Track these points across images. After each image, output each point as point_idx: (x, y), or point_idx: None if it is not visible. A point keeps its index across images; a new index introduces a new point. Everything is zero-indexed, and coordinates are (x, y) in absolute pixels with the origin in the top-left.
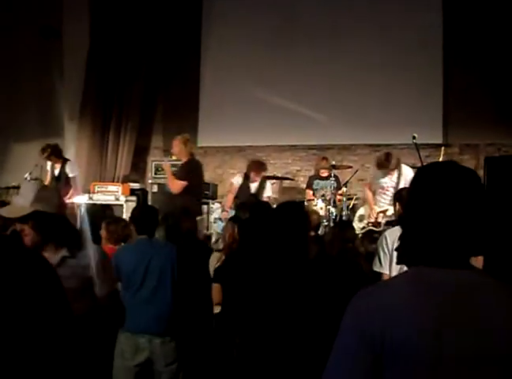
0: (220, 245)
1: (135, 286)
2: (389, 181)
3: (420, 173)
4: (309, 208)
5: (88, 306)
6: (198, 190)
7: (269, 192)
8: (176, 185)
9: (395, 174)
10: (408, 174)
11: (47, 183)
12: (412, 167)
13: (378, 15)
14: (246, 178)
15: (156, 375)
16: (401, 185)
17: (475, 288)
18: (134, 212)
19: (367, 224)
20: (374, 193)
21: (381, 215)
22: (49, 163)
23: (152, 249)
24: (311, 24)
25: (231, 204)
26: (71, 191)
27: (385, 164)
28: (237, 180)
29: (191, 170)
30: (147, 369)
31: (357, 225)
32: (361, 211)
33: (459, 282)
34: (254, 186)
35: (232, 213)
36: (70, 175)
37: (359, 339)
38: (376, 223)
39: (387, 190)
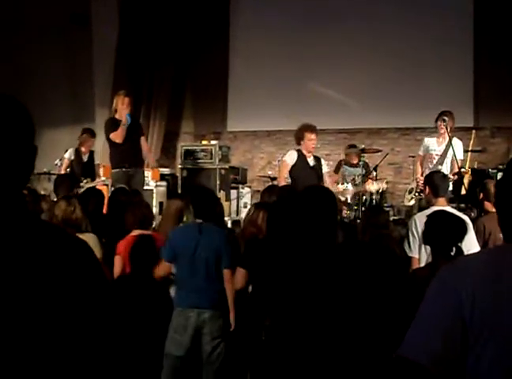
0: None
1: (185, 265)
2: (437, 149)
3: None
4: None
5: None
6: None
7: (326, 168)
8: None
9: (445, 141)
10: (457, 144)
11: (63, 170)
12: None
13: None
14: (302, 154)
15: (202, 348)
16: (449, 155)
17: None
18: (193, 195)
19: (414, 194)
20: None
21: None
22: (71, 150)
23: (202, 232)
24: (341, 7)
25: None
26: (97, 178)
27: (441, 118)
28: (292, 157)
29: None
30: (196, 343)
31: (407, 197)
32: (412, 184)
33: None
34: (311, 162)
35: None
36: (97, 162)
37: (449, 310)
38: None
39: (434, 158)
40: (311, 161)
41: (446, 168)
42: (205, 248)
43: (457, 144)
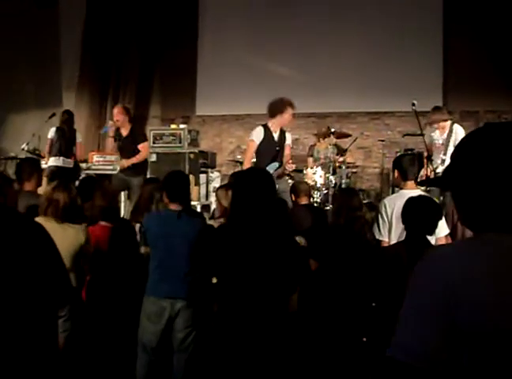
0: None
1: (158, 253)
2: (440, 139)
3: (485, 133)
4: (299, 178)
5: None
6: None
7: (289, 140)
8: (147, 150)
9: (446, 130)
10: (460, 133)
11: (47, 150)
12: None
13: None
14: (268, 130)
15: (173, 336)
16: (451, 144)
17: None
18: (165, 178)
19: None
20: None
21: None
22: (52, 129)
23: (177, 219)
24: None
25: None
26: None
27: (431, 116)
28: (258, 135)
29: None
30: (168, 331)
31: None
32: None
33: None
34: (276, 138)
35: None
36: (79, 140)
37: (435, 303)
38: None
39: (438, 148)
40: (277, 136)
41: (449, 156)
42: (184, 236)
43: (459, 132)
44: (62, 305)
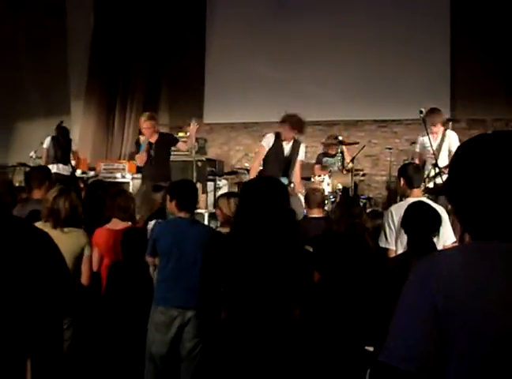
0: None
1: (170, 262)
2: (433, 144)
3: (486, 141)
4: (311, 186)
5: None
6: None
7: (302, 156)
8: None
9: (439, 136)
10: (453, 138)
11: (44, 159)
12: None
13: None
14: (279, 138)
15: (182, 346)
16: (444, 149)
17: None
18: (174, 186)
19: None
20: (424, 163)
21: (426, 180)
22: (48, 139)
23: (189, 227)
24: (316, 0)
25: (256, 173)
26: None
27: (429, 116)
28: (268, 142)
29: None
30: (177, 341)
31: None
32: None
33: None
34: (287, 148)
35: None
36: (74, 148)
37: (429, 309)
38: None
39: (433, 154)
40: (288, 147)
41: (442, 161)
42: (196, 244)
43: (452, 137)
44: (67, 315)
